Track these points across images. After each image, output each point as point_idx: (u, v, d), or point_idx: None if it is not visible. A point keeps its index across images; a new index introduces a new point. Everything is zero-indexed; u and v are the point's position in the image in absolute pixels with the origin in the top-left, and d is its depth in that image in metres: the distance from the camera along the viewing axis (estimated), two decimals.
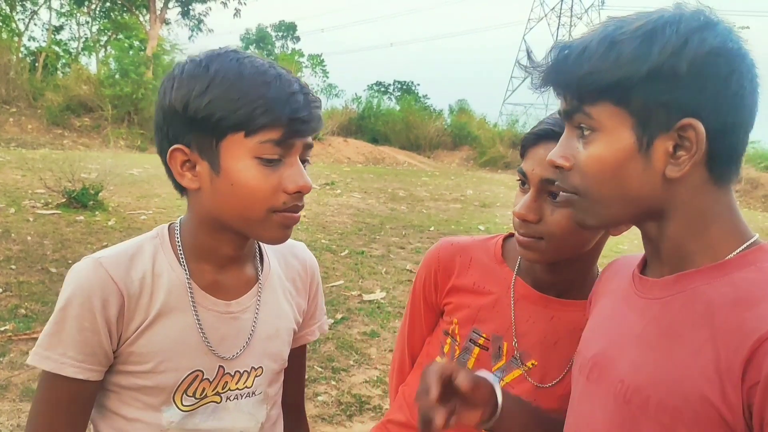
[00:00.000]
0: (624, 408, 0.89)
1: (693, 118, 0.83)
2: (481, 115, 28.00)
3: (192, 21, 25.84)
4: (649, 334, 0.90)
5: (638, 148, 0.86)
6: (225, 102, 0.97)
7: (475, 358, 1.34)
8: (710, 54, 0.82)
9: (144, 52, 22.01)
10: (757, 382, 0.76)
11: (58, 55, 24.95)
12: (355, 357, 4.45)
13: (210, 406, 1.12)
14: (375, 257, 7.28)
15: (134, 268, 1.06)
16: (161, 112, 1.04)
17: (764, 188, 18.82)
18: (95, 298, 1.02)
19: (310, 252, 1.32)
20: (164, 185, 10.29)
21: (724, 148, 0.86)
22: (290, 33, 47.75)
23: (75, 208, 8.01)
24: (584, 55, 0.87)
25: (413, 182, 15.29)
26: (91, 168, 9.94)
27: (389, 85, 44.65)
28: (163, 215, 8.27)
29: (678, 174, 0.85)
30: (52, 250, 6.17)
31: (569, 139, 0.93)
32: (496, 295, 1.34)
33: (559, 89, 0.92)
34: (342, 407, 3.73)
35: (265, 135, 0.98)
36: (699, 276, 0.87)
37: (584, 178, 0.90)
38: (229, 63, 1.00)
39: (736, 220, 0.90)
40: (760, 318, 0.78)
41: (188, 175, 1.03)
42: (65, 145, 16.98)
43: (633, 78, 0.84)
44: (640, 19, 0.86)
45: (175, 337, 1.07)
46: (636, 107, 0.85)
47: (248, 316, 1.15)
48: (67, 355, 1.02)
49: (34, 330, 4.22)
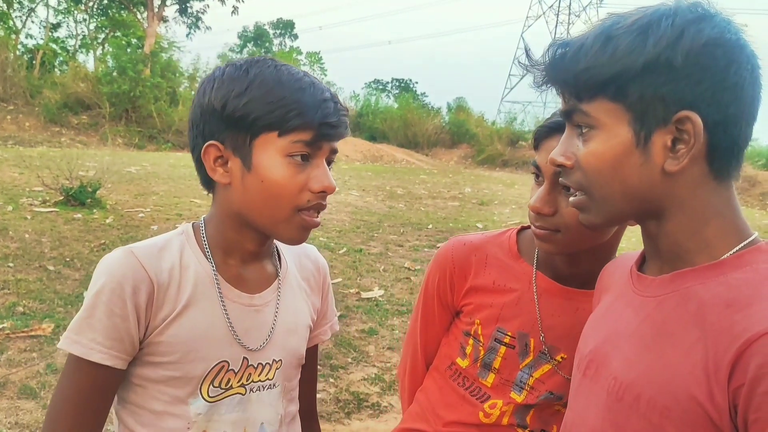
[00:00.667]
0: (616, 405, 0.89)
1: (690, 110, 0.82)
2: (480, 113, 28.08)
3: (190, 18, 25.80)
4: (643, 332, 0.90)
5: (636, 143, 0.86)
6: (262, 103, 1.04)
7: (502, 357, 1.33)
8: (707, 45, 0.82)
9: (142, 49, 21.96)
10: (743, 384, 0.75)
11: (56, 52, 24.93)
12: (353, 354, 4.45)
13: (236, 397, 1.15)
14: (373, 255, 7.28)
15: (163, 259, 1.11)
16: (199, 110, 1.10)
17: (762, 186, 18.83)
18: (126, 284, 1.05)
19: (320, 254, 1.37)
20: (162, 183, 10.34)
21: (725, 141, 0.85)
22: (288, 30, 47.71)
23: (73, 205, 8.00)
24: (581, 52, 0.87)
25: (411, 180, 15.29)
26: (89, 166, 9.93)
27: (387, 82, 44.68)
28: (160, 213, 8.26)
29: (677, 168, 0.85)
30: (50, 248, 6.16)
31: (570, 137, 0.93)
32: (518, 291, 1.33)
33: (557, 87, 0.92)
34: (340, 405, 3.73)
35: (296, 136, 1.05)
36: (694, 275, 0.87)
37: (585, 175, 0.91)
38: (267, 69, 1.08)
39: (735, 217, 0.89)
40: (750, 320, 0.77)
41: (220, 171, 1.09)
42: (63, 142, 16.96)
43: (629, 72, 0.84)
44: (637, 14, 0.86)
45: (204, 328, 1.11)
46: (632, 102, 0.85)
47: (269, 310, 1.19)
48: (96, 340, 1.05)
49: (32, 328, 4.22)
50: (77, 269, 5.61)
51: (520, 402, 1.32)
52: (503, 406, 1.33)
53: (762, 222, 13.15)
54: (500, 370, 1.33)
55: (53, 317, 4.46)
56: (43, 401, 3.37)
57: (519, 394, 1.32)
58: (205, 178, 1.13)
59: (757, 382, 0.74)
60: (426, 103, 32.55)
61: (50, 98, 18.74)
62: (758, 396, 0.74)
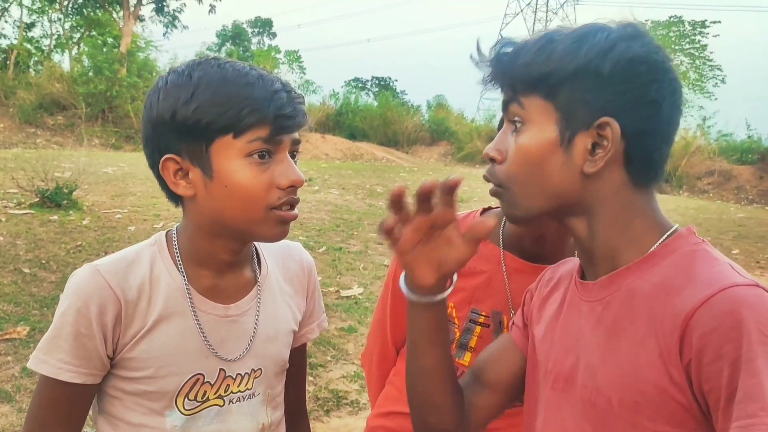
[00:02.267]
0: (591, 411, 0.91)
1: (612, 117, 0.88)
2: (459, 111, 28.14)
3: (166, 17, 25.54)
4: (597, 335, 0.93)
5: (560, 142, 0.91)
6: (211, 106, 1.00)
7: (478, 336, 1.38)
8: (633, 60, 0.89)
9: (118, 49, 21.72)
10: (690, 359, 0.80)
11: (30, 52, 24.54)
12: (332, 353, 4.46)
13: (213, 409, 1.14)
14: (353, 253, 7.29)
15: (132, 273, 1.08)
16: (149, 125, 1.06)
17: (736, 180, 19.11)
18: (92, 304, 1.04)
19: (305, 251, 1.34)
20: (139, 184, 10.25)
21: (640, 152, 0.91)
22: (266, 29, 47.44)
23: (48, 207, 7.90)
24: (523, 50, 0.94)
25: (391, 178, 15.31)
26: (65, 167, 9.81)
27: (367, 81, 44.65)
28: (138, 214, 8.20)
29: (593, 170, 0.90)
30: (25, 250, 6.09)
31: (505, 133, 0.98)
32: (488, 273, 1.37)
33: (497, 79, 0.98)
34: (319, 402, 3.74)
35: (253, 134, 1.01)
36: (630, 272, 0.92)
37: (509, 169, 0.95)
38: (210, 69, 1.04)
39: (656, 214, 0.95)
40: (686, 300, 0.82)
41: (182, 183, 1.06)
42: (38, 143, 16.74)
43: (561, 73, 0.90)
44: (580, 26, 0.93)
45: (176, 342, 1.09)
46: (562, 102, 0.91)
47: (247, 319, 1.17)
48: (63, 360, 1.04)
49: (7, 331, 4.17)
50: (53, 271, 5.56)
51: None
52: None
53: (737, 216, 13.36)
54: (476, 349, 1.37)
55: (28, 320, 4.42)
56: (19, 404, 3.34)
57: None
58: (169, 192, 1.09)
59: (701, 354, 0.79)
60: (406, 101, 32.53)
61: (25, 99, 18.48)
62: (705, 366, 0.79)
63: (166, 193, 1.11)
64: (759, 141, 21.14)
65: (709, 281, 0.83)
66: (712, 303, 0.79)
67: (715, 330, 0.78)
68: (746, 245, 9.77)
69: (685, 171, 19.38)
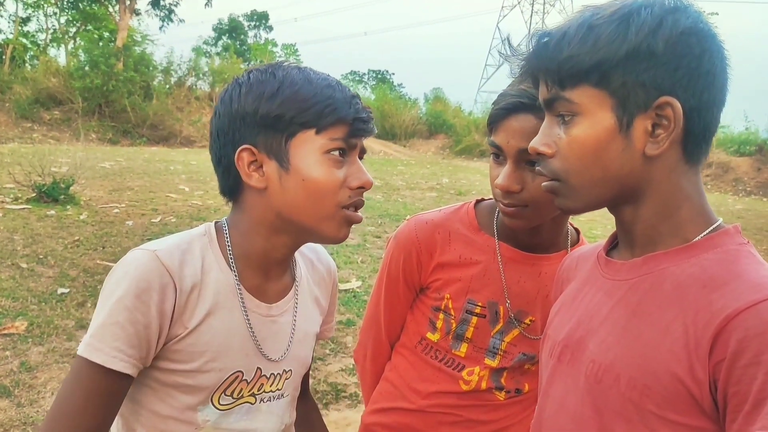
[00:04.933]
0: (595, 387, 0.91)
1: (670, 96, 0.86)
2: (457, 104, 28.01)
3: (162, 11, 25.43)
4: (617, 314, 0.93)
5: (619, 128, 0.89)
6: (296, 102, 1.05)
7: (474, 326, 1.39)
8: (684, 33, 0.86)
9: (114, 43, 21.64)
10: (723, 359, 0.79)
11: (26, 47, 24.47)
12: (331, 346, 4.46)
13: (245, 406, 1.15)
14: (351, 246, 7.28)
15: (187, 263, 1.07)
16: (227, 118, 1.08)
17: (734, 172, 19.13)
18: (153, 291, 1.01)
19: (329, 255, 1.37)
20: (136, 178, 10.23)
21: (699, 127, 0.89)
22: (263, 22, 47.30)
23: (46, 202, 7.89)
24: (564, 41, 0.90)
25: (389, 171, 15.29)
26: (62, 162, 9.79)
27: (364, 74, 44.62)
28: (135, 208, 8.18)
29: (657, 151, 0.89)
30: (23, 245, 6.08)
31: (550, 127, 0.95)
32: (483, 263, 1.38)
33: (540, 75, 0.95)
34: (318, 396, 3.74)
35: (334, 132, 1.06)
36: (667, 258, 0.91)
37: (566, 162, 0.93)
38: (293, 70, 1.09)
39: (703, 202, 0.94)
40: (728, 298, 0.81)
41: (255, 175, 1.07)
42: (35, 138, 16.69)
43: (612, 59, 0.87)
44: (615, 5, 0.90)
45: (223, 337, 1.09)
46: (615, 88, 0.88)
47: (285, 320, 1.18)
48: (119, 348, 1.00)
49: (5, 326, 4.17)
50: (51, 266, 5.55)
51: (495, 366, 1.39)
52: (480, 371, 1.39)
53: (735, 207, 13.38)
54: (473, 339, 1.39)
55: (26, 315, 4.41)
56: (17, 399, 3.34)
57: (493, 360, 1.39)
58: (231, 185, 1.11)
59: (738, 356, 0.78)
60: (403, 94, 32.51)
61: (21, 94, 18.40)
62: (738, 369, 0.78)
63: (224, 186, 1.12)
64: (757, 133, 21.12)
65: (757, 285, 0.82)
66: (759, 308, 0.78)
67: (758, 336, 0.77)
68: (745, 237, 9.78)
69: None
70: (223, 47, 35.78)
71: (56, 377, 3.59)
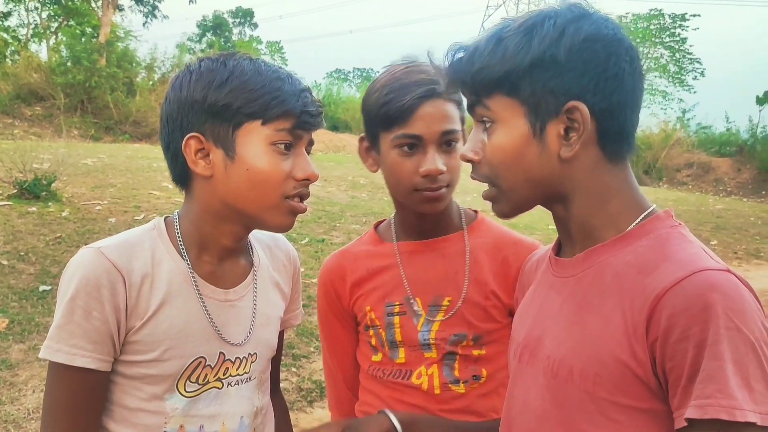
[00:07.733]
0: (553, 382, 0.95)
1: (577, 100, 0.90)
2: None
3: (146, 7, 25.26)
4: (566, 309, 0.97)
5: (533, 134, 0.94)
6: (244, 92, 1.07)
7: (399, 327, 1.41)
8: (586, 40, 0.91)
9: (97, 39, 21.43)
10: (657, 337, 0.83)
11: (7, 42, 24.19)
12: (315, 344, 4.46)
13: (212, 391, 1.16)
14: (336, 245, 7.27)
15: (135, 257, 1.09)
16: (176, 104, 1.10)
17: (715, 172, 19.35)
18: (102, 287, 1.04)
19: (289, 242, 1.40)
20: (119, 175, 10.14)
21: (613, 126, 0.94)
22: (248, 19, 47.06)
23: (27, 199, 7.80)
24: (476, 54, 0.95)
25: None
26: (44, 158, 9.68)
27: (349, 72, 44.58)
28: (118, 205, 8.12)
29: (570, 153, 0.93)
30: (3, 242, 6.01)
31: (476, 133, 1.00)
32: (389, 267, 1.43)
33: (457, 86, 1.00)
34: (302, 393, 3.75)
35: (280, 124, 1.08)
36: (605, 249, 0.95)
37: (491, 167, 0.98)
38: (244, 61, 1.11)
39: (633, 193, 0.98)
40: (658, 279, 0.85)
41: (202, 163, 1.10)
42: (16, 134, 16.48)
43: (518, 69, 0.92)
44: (524, 17, 0.95)
45: (181, 325, 1.11)
46: (526, 96, 0.93)
47: (244, 305, 1.20)
48: (78, 345, 1.04)
49: None
50: (32, 263, 5.50)
51: (437, 358, 1.39)
52: (427, 371, 1.39)
53: (715, 207, 13.52)
54: (404, 341, 1.41)
55: (7, 312, 4.38)
56: None
57: (430, 351, 1.40)
58: (180, 173, 1.13)
59: (668, 333, 0.82)
60: None
61: (2, 89, 18.16)
62: (671, 345, 0.82)
63: (175, 174, 1.14)
64: (737, 133, 21.39)
65: (683, 263, 0.86)
66: (683, 284, 0.82)
67: (684, 311, 0.81)
68: (724, 236, 9.91)
69: (665, 163, 19.57)
70: (208, 44, 35.55)
71: (37, 375, 3.56)
